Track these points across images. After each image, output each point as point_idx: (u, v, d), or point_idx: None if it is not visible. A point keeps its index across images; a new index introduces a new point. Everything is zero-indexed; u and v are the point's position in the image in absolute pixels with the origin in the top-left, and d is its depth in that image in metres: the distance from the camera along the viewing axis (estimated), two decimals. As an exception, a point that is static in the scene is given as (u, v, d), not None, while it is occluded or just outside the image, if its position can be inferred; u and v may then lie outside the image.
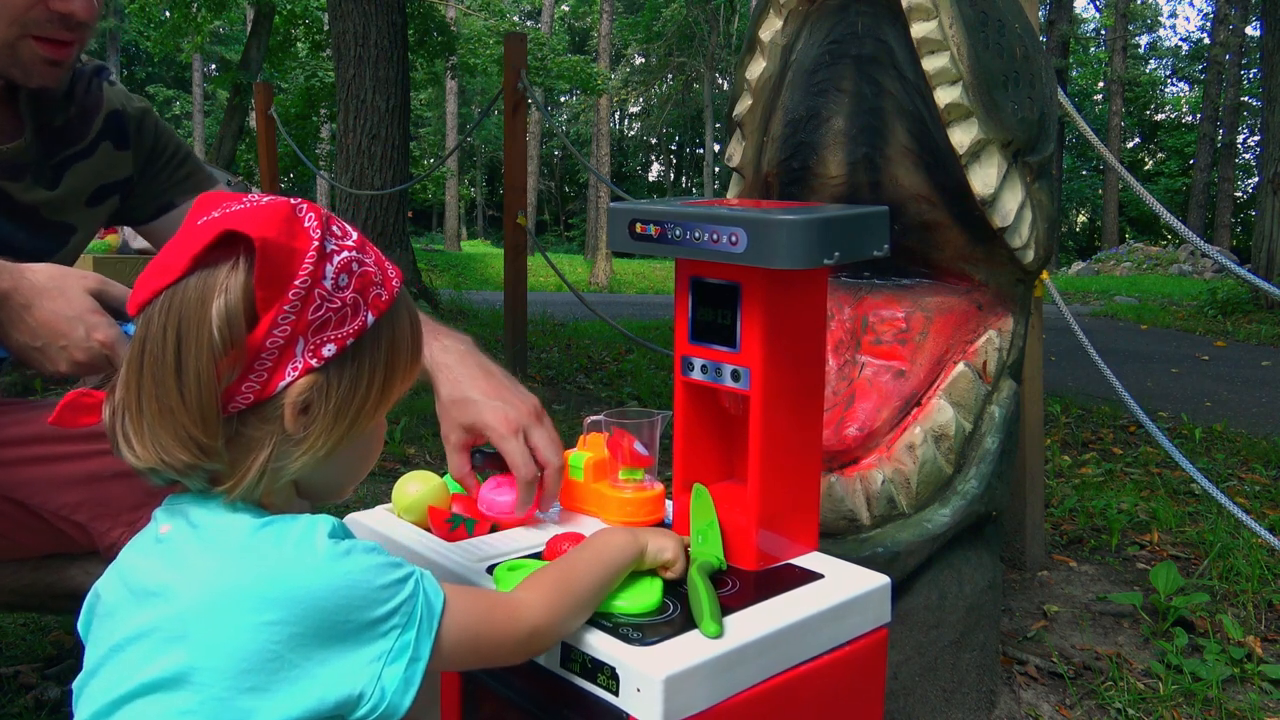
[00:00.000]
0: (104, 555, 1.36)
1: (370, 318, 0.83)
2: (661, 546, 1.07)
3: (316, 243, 0.79)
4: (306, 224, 0.80)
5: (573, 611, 0.95)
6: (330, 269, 0.80)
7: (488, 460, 1.33)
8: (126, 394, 0.80)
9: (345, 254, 0.82)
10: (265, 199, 0.81)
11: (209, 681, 0.74)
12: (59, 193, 1.44)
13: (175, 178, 1.59)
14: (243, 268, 0.77)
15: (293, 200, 0.81)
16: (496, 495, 1.25)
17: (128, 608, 0.80)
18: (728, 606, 1.04)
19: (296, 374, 0.79)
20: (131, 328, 1.14)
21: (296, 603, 0.75)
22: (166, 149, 1.59)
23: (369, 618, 0.77)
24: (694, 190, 35.46)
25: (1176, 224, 2.41)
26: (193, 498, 0.83)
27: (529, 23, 31.32)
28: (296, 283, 0.78)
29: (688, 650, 0.96)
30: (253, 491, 0.81)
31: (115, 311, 1.22)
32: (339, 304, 0.80)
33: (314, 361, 0.80)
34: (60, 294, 1.17)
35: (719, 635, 0.98)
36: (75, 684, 0.82)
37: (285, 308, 0.78)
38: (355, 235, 0.85)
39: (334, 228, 0.83)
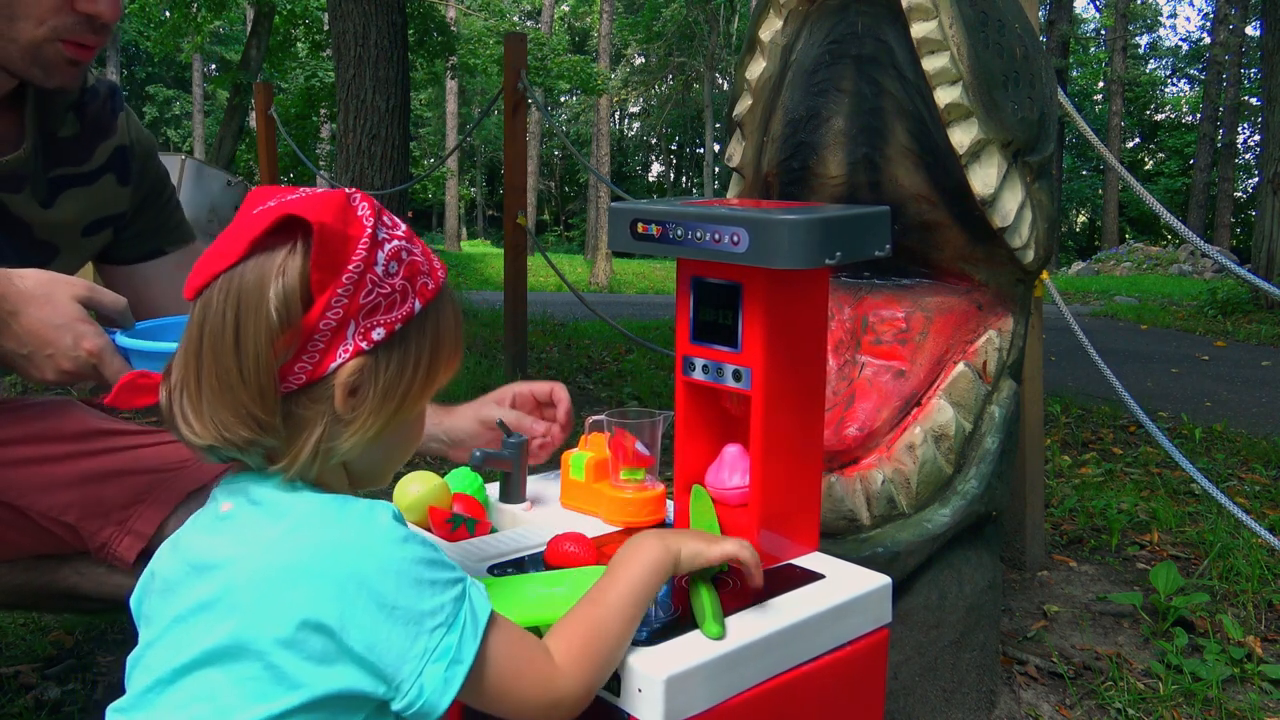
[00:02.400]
0: (95, 556, 1.35)
1: (418, 305, 0.86)
2: (696, 551, 1.01)
3: (369, 230, 0.82)
4: (360, 212, 0.83)
5: (604, 670, 0.91)
6: (382, 255, 0.83)
7: (489, 458, 1.33)
8: (185, 374, 0.82)
9: (395, 243, 0.85)
10: (321, 189, 0.84)
11: (265, 650, 0.77)
12: (55, 216, 1.41)
13: (168, 223, 1.56)
14: (300, 251, 0.80)
15: (348, 190, 0.84)
16: (726, 479, 1.21)
17: (189, 582, 0.82)
18: (729, 607, 1.04)
19: (347, 356, 0.82)
20: (119, 336, 1.14)
21: (351, 578, 0.77)
22: (164, 191, 1.56)
23: (417, 609, 0.79)
24: (694, 190, 35.46)
25: (1176, 224, 2.41)
26: (251, 476, 0.85)
27: (529, 23, 31.31)
28: (350, 267, 0.81)
29: (689, 651, 0.96)
30: (308, 470, 0.84)
31: (104, 319, 1.20)
32: (389, 290, 0.83)
33: (364, 344, 0.82)
34: (48, 301, 1.14)
35: (721, 636, 0.98)
36: (130, 657, 0.84)
37: (339, 291, 0.80)
38: (404, 227, 0.88)
39: (385, 218, 0.86)
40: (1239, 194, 25.67)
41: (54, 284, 1.16)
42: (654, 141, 38.80)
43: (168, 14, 15.38)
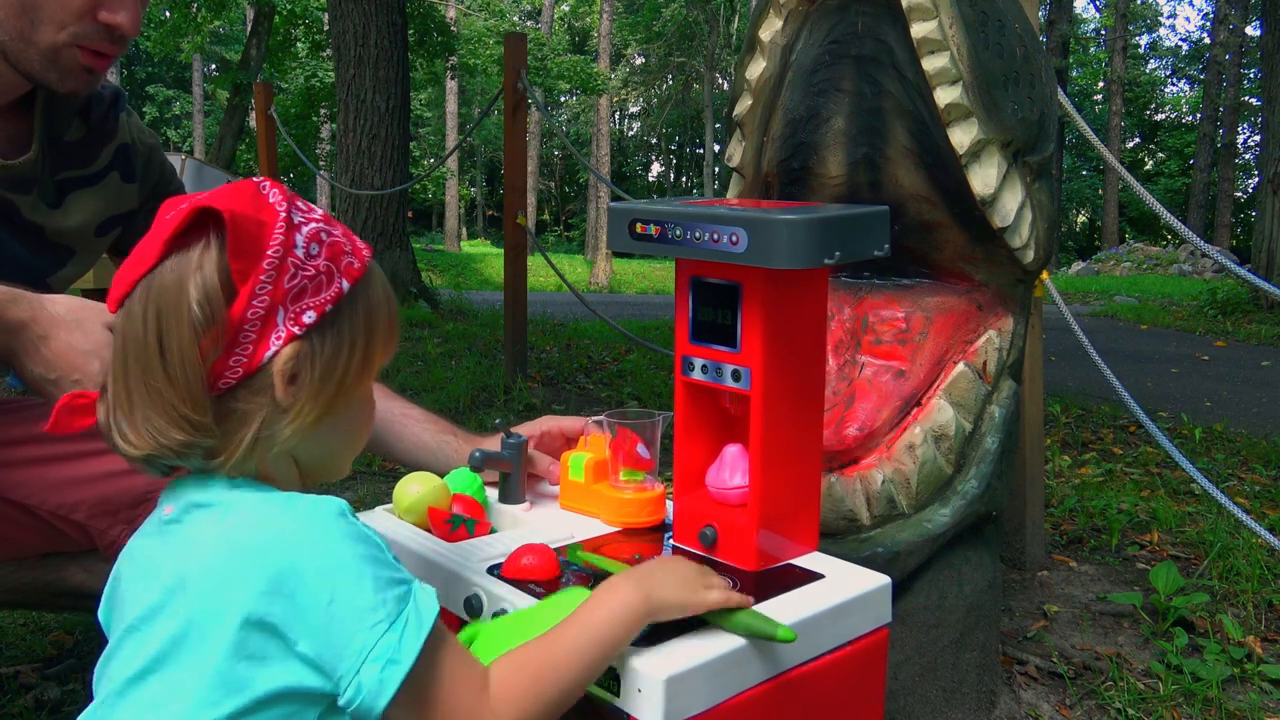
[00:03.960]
0: (104, 554, 1.37)
1: (345, 284, 0.85)
2: (681, 603, 0.95)
3: (283, 215, 0.82)
4: (271, 199, 0.82)
5: (544, 715, 0.85)
6: (300, 238, 0.82)
7: (488, 459, 1.33)
8: (115, 386, 0.81)
9: (313, 225, 0.84)
10: (230, 183, 0.84)
11: (209, 652, 0.76)
12: (65, 218, 1.42)
13: None
14: (215, 244, 0.79)
15: (256, 179, 0.84)
16: (726, 479, 1.21)
17: (137, 590, 0.82)
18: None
19: (281, 342, 0.81)
20: None
21: (289, 573, 0.76)
22: (171, 186, 1.58)
23: (356, 604, 0.77)
24: (694, 190, 35.46)
25: (1176, 224, 2.41)
26: (195, 480, 0.84)
27: (529, 23, 31.31)
28: (269, 252, 0.80)
29: (689, 651, 0.96)
30: (245, 462, 0.83)
31: None
32: (313, 272, 0.82)
33: (296, 329, 0.81)
34: (78, 326, 1.15)
35: (795, 637, 0.97)
36: (96, 669, 0.84)
37: (261, 278, 0.79)
38: (320, 212, 0.87)
39: (298, 203, 0.85)
40: (1239, 194, 25.66)
41: (85, 310, 1.17)
42: (654, 141, 38.80)
43: (168, 14, 15.40)
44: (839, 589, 1.12)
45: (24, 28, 1.24)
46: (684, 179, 38.91)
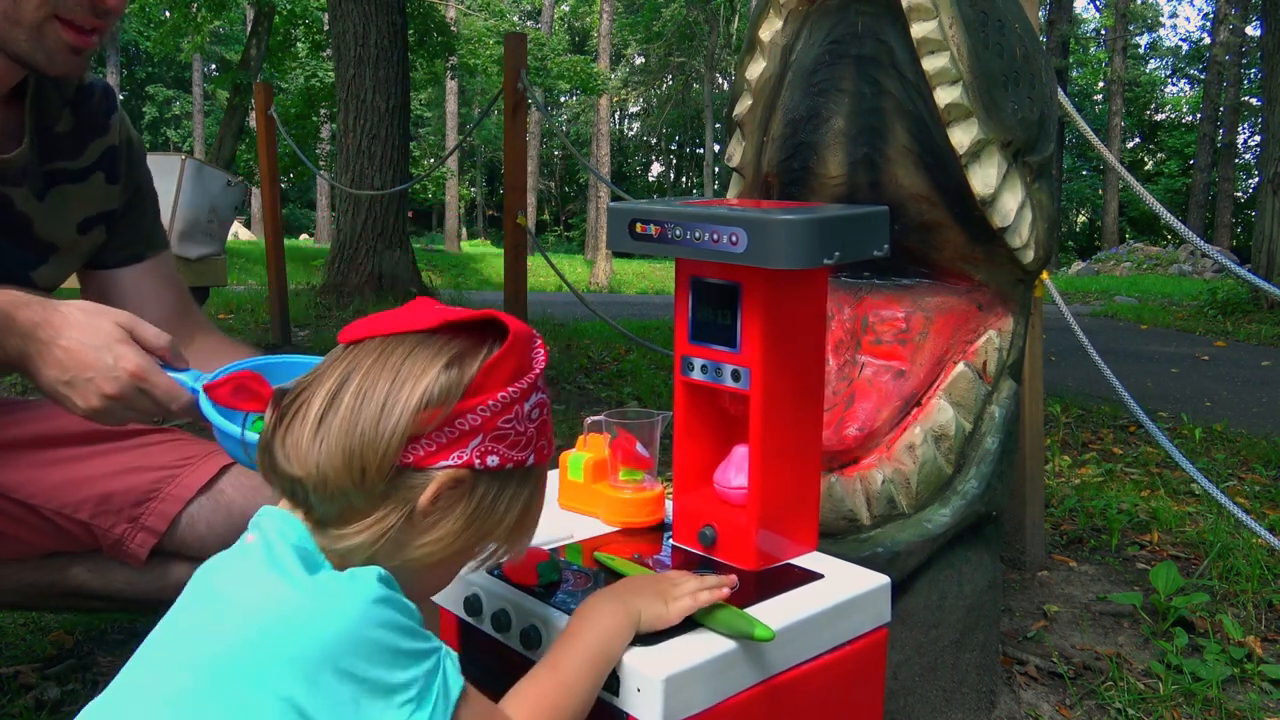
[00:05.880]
0: (107, 554, 1.37)
1: (533, 459, 0.88)
2: (656, 615, 0.99)
3: (537, 373, 0.87)
4: (537, 357, 0.88)
5: None
6: (532, 400, 0.86)
7: None
8: (310, 398, 0.82)
9: (542, 396, 0.88)
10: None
11: (237, 710, 0.76)
12: (50, 212, 1.42)
13: (150, 228, 1.58)
14: (484, 350, 0.84)
15: (536, 333, 0.89)
16: (731, 478, 1.22)
17: (203, 601, 0.82)
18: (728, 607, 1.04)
19: (459, 463, 0.82)
20: (178, 375, 1.13)
21: (325, 659, 0.75)
22: (148, 194, 1.57)
23: (388, 682, 0.77)
24: (694, 190, 35.47)
25: (1176, 224, 2.41)
26: (281, 514, 0.83)
27: (529, 23, 31.33)
28: (510, 389, 0.84)
29: (688, 650, 0.96)
30: (360, 555, 0.82)
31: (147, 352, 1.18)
32: (522, 430, 0.86)
33: (477, 462, 0.83)
34: (88, 324, 1.14)
35: (772, 636, 0.97)
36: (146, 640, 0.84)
37: (490, 402, 0.83)
38: (546, 396, 0.91)
39: (544, 376, 0.89)
40: (1239, 194, 25.66)
41: (97, 311, 1.16)
42: (654, 141, 38.81)
43: (168, 14, 15.40)
44: (838, 589, 1.12)
45: (7, 8, 1.23)
46: (684, 179, 38.92)
